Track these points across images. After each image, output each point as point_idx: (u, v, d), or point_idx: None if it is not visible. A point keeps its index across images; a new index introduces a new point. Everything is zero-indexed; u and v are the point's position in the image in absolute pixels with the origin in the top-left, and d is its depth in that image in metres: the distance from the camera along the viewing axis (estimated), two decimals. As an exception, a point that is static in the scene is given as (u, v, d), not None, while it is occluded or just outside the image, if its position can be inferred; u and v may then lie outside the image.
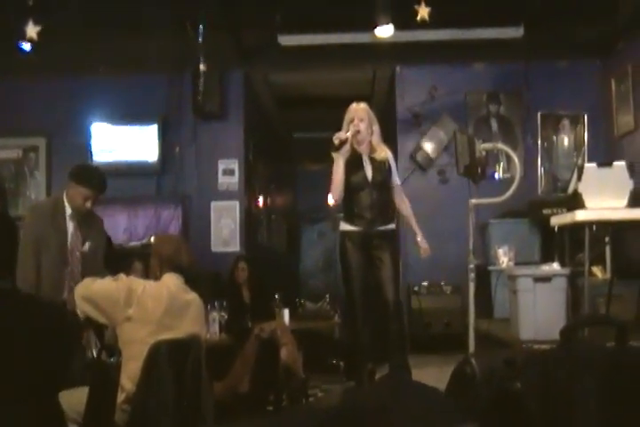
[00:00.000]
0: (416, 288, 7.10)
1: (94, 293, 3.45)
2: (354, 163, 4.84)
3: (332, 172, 4.81)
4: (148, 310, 3.40)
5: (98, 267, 4.62)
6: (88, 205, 4.46)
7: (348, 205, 4.90)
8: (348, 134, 4.76)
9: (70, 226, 4.51)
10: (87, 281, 3.56)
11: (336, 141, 4.69)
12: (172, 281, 3.60)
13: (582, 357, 1.73)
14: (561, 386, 1.67)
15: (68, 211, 4.50)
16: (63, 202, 4.52)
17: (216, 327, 5.54)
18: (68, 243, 4.51)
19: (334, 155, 4.77)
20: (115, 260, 6.14)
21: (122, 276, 3.53)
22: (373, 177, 4.87)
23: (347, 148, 4.75)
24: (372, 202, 4.86)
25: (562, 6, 6.19)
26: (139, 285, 3.47)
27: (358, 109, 4.94)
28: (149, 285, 3.55)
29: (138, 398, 3.27)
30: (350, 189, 4.83)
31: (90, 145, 7.60)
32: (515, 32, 6.72)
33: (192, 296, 3.68)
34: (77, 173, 4.52)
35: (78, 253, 4.54)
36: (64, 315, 2.60)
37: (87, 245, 4.59)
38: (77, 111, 7.60)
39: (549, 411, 1.64)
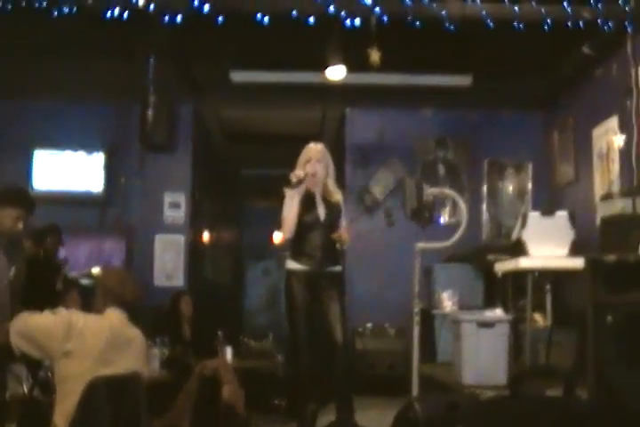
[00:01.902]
0: (360, 329, 7.08)
1: (31, 328, 3.36)
2: (307, 202, 4.82)
3: (284, 209, 4.77)
4: (87, 345, 3.32)
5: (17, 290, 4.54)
6: (20, 226, 4.36)
7: (298, 244, 4.85)
8: (306, 174, 4.74)
9: None
10: (24, 315, 3.45)
11: (293, 180, 4.67)
12: (115, 316, 3.54)
13: (530, 407, 1.74)
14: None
15: None
16: None
17: (157, 363, 5.46)
18: None
19: (288, 192, 4.74)
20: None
21: (61, 309, 3.46)
22: (326, 217, 4.86)
23: (302, 187, 4.75)
24: (323, 242, 4.82)
25: (509, 59, 6.34)
26: (79, 318, 3.40)
27: (316, 150, 4.91)
28: (90, 318, 3.48)
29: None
30: (302, 228, 4.79)
31: (30, 172, 7.46)
32: (463, 80, 6.86)
33: (135, 332, 3.62)
34: (1, 195, 4.44)
35: (6, 281, 4.43)
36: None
37: (12, 270, 4.50)
38: (19, 137, 7.48)
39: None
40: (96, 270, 6.63)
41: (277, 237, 11.75)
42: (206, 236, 9.24)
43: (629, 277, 3.59)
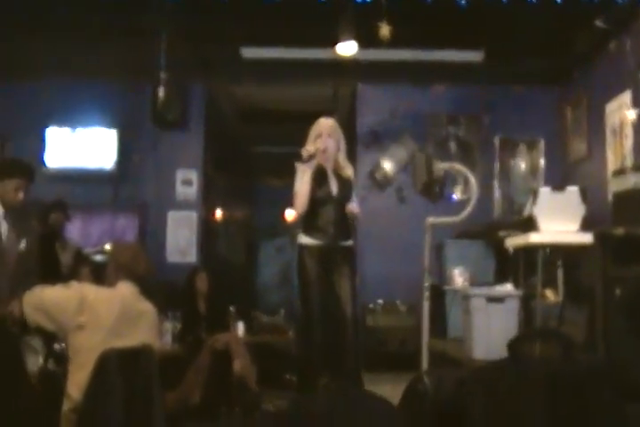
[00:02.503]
0: (371, 306, 7.11)
1: (44, 301, 3.40)
2: (319, 177, 4.81)
3: (296, 184, 4.77)
4: (100, 318, 3.38)
5: (31, 265, 4.58)
6: (21, 195, 4.40)
7: (311, 219, 4.84)
8: (317, 149, 4.75)
9: (4, 227, 4.44)
10: (37, 289, 3.50)
11: (305, 154, 4.67)
12: (127, 289, 3.59)
13: (525, 369, 1.76)
14: (505, 399, 1.69)
15: (1, 211, 4.43)
16: None
17: (169, 338, 5.52)
18: (4, 244, 4.43)
19: (300, 166, 4.75)
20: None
21: (73, 283, 3.50)
22: (338, 192, 4.86)
23: (314, 162, 4.75)
24: (336, 217, 4.83)
25: (522, 34, 6.30)
26: (91, 291, 3.45)
27: (327, 125, 4.90)
28: (102, 291, 3.54)
29: (85, 407, 3.23)
30: (314, 203, 4.78)
31: (44, 149, 7.50)
32: (475, 56, 6.82)
33: (147, 306, 3.67)
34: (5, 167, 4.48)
35: (15, 254, 4.47)
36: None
37: (23, 243, 4.53)
38: (33, 116, 7.52)
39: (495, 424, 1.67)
40: (109, 247, 6.68)
41: (290, 215, 11.81)
42: (219, 213, 9.28)
43: (638, 251, 3.59)
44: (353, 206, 4.89)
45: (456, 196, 7.42)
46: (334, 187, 4.86)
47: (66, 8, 5.79)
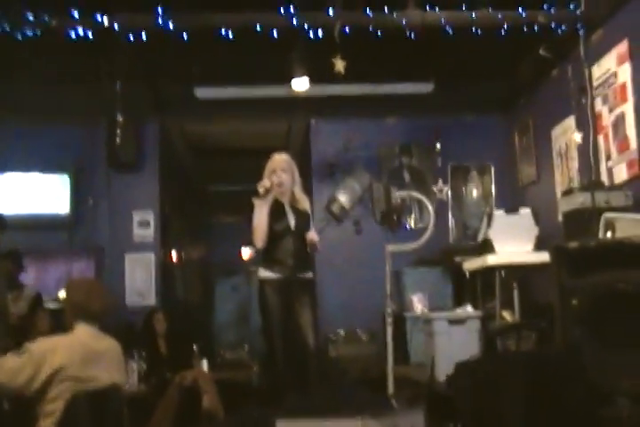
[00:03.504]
0: (332, 336, 7.15)
1: (1, 377, 3.33)
2: (276, 211, 4.93)
3: (254, 219, 4.87)
4: (62, 369, 3.35)
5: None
6: None
7: (270, 252, 4.94)
8: (272, 184, 4.85)
9: None
10: None
11: (261, 190, 4.78)
12: (84, 331, 3.57)
13: (506, 358, 1.85)
14: (485, 383, 1.78)
15: None
16: None
17: (135, 378, 5.47)
18: None
19: (256, 201, 4.85)
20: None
21: (27, 347, 3.41)
22: (296, 225, 4.97)
23: (270, 196, 4.85)
24: (294, 249, 4.93)
25: (469, 64, 6.55)
26: (47, 349, 3.40)
27: (281, 160, 5.06)
28: (60, 341, 3.51)
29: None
30: (273, 237, 4.90)
31: (-5, 196, 7.43)
32: (425, 88, 7.04)
33: (107, 343, 3.66)
34: None
35: None
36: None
37: None
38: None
39: (479, 410, 1.75)
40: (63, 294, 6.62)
41: (246, 253, 11.86)
42: (176, 253, 9.26)
43: (591, 262, 3.73)
44: (312, 235, 5.00)
45: (409, 225, 7.55)
46: (292, 220, 4.98)
47: (18, 51, 5.81)
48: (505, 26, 5.49)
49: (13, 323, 5.62)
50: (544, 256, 4.80)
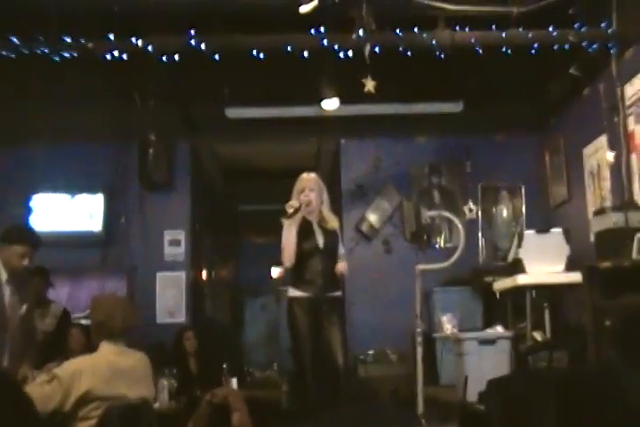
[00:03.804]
0: (362, 357, 7.13)
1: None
2: (305, 230, 4.95)
3: (283, 238, 4.90)
4: (92, 391, 3.39)
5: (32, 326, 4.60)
6: (26, 262, 4.45)
7: (299, 272, 4.96)
8: (300, 204, 4.88)
9: (7, 292, 4.48)
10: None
11: (289, 210, 4.81)
12: (108, 350, 3.60)
13: (539, 375, 1.84)
14: (517, 401, 1.77)
15: (4, 277, 4.46)
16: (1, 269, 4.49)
17: (165, 395, 5.49)
18: (7, 309, 4.46)
19: (285, 222, 4.88)
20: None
21: (55, 373, 3.45)
22: (325, 244, 4.98)
23: (298, 216, 4.88)
24: (323, 268, 4.94)
25: (499, 84, 6.56)
26: (74, 373, 3.42)
27: (309, 180, 5.09)
28: (86, 361, 3.56)
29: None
30: (302, 256, 4.91)
31: (30, 215, 7.52)
32: (455, 107, 7.06)
33: (133, 359, 3.69)
34: (6, 233, 4.52)
35: (18, 318, 4.50)
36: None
37: (24, 307, 4.57)
38: (20, 181, 7.54)
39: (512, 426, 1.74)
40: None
41: (276, 272, 11.89)
42: (206, 272, 9.31)
43: (624, 282, 3.70)
44: (342, 266, 5.02)
45: (439, 244, 7.54)
46: (320, 239, 4.99)
47: (50, 72, 5.92)
48: (535, 45, 5.48)
49: (40, 339, 5.68)
50: (576, 276, 4.79)
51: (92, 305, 3.83)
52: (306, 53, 5.57)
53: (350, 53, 5.55)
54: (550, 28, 5.48)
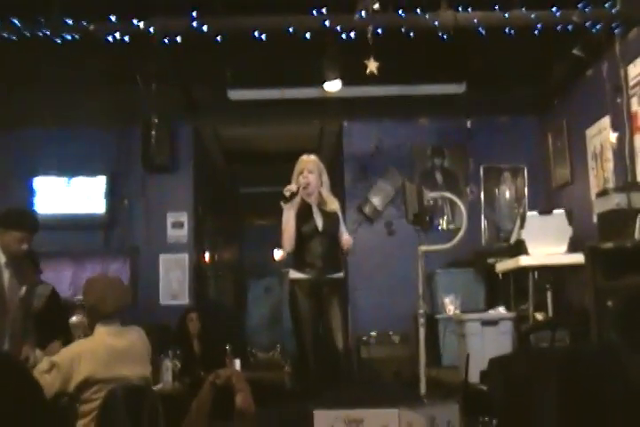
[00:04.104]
0: (365, 338, 7.16)
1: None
2: (304, 213, 4.96)
3: (283, 223, 4.92)
4: (92, 376, 3.46)
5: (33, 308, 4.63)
6: (24, 247, 4.46)
7: (299, 254, 4.99)
8: (298, 187, 4.89)
9: (6, 274, 4.48)
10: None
11: (287, 193, 4.81)
12: (104, 332, 3.65)
13: (541, 353, 1.85)
14: (519, 380, 1.78)
15: (2, 260, 4.46)
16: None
17: (169, 376, 5.52)
18: (6, 291, 4.46)
19: (284, 206, 4.89)
20: (59, 314, 6.14)
21: (53, 361, 3.51)
22: (324, 227, 4.98)
23: (297, 199, 4.88)
24: (323, 250, 4.96)
25: (501, 65, 6.53)
26: (73, 359, 3.48)
27: (308, 161, 5.09)
28: (84, 345, 3.63)
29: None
30: (301, 239, 4.93)
31: (33, 197, 7.55)
32: (457, 88, 7.03)
33: (129, 338, 3.73)
34: (4, 217, 4.52)
35: (17, 300, 4.52)
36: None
37: (23, 289, 4.59)
38: (22, 164, 7.57)
39: (513, 404, 1.75)
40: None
41: (278, 255, 11.91)
42: (209, 254, 9.33)
43: (626, 263, 3.71)
44: (347, 238, 5.02)
45: (441, 226, 7.54)
46: (319, 221, 5.00)
47: (52, 56, 5.90)
48: (538, 26, 5.43)
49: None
50: (578, 257, 4.79)
51: (83, 289, 3.86)
52: (308, 35, 5.52)
53: (352, 34, 5.50)
54: (554, 9, 5.43)
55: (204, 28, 5.49)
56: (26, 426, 2.27)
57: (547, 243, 5.38)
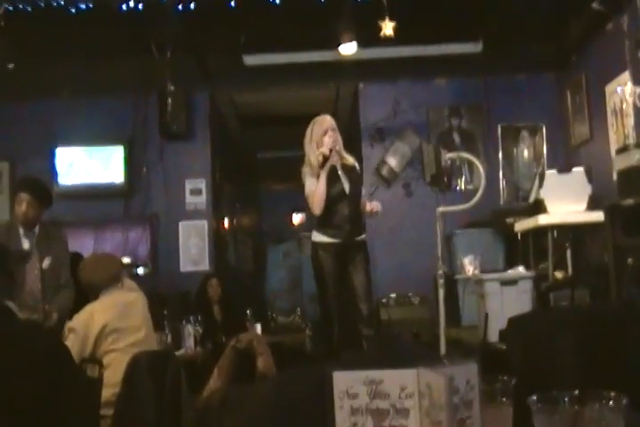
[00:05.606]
0: (384, 300, 7.18)
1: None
2: (330, 176, 4.87)
3: (307, 187, 4.84)
4: (107, 326, 3.61)
5: (62, 281, 4.67)
6: (22, 208, 4.48)
7: (326, 217, 4.88)
8: (331, 149, 4.79)
9: (26, 244, 4.54)
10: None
11: (319, 158, 4.74)
12: (109, 295, 3.79)
13: (561, 311, 1.86)
14: (541, 338, 1.79)
15: (22, 230, 4.54)
16: (16, 222, 4.57)
17: (191, 342, 5.57)
18: (26, 262, 4.51)
19: (304, 170, 4.86)
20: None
21: (69, 327, 3.66)
22: (350, 189, 4.94)
23: (327, 164, 4.81)
24: (350, 213, 4.89)
25: (518, 23, 6.43)
26: (86, 319, 3.64)
27: (328, 120, 4.97)
28: (94, 307, 3.73)
29: (119, 409, 3.32)
30: (328, 201, 4.84)
31: (54, 168, 7.60)
32: (474, 48, 6.94)
33: (134, 295, 3.91)
34: (16, 183, 4.62)
35: (37, 271, 4.56)
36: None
37: (47, 261, 4.61)
38: (41, 135, 7.59)
39: (533, 362, 1.76)
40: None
41: (296, 219, 11.92)
42: (227, 221, 9.37)
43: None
44: (375, 204, 4.97)
45: (459, 187, 7.51)
46: (346, 184, 4.93)
47: (67, 27, 5.88)
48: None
49: None
50: (598, 216, 4.76)
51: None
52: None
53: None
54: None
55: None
56: (61, 392, 2.31)
57: (566, 201, 5.35)
